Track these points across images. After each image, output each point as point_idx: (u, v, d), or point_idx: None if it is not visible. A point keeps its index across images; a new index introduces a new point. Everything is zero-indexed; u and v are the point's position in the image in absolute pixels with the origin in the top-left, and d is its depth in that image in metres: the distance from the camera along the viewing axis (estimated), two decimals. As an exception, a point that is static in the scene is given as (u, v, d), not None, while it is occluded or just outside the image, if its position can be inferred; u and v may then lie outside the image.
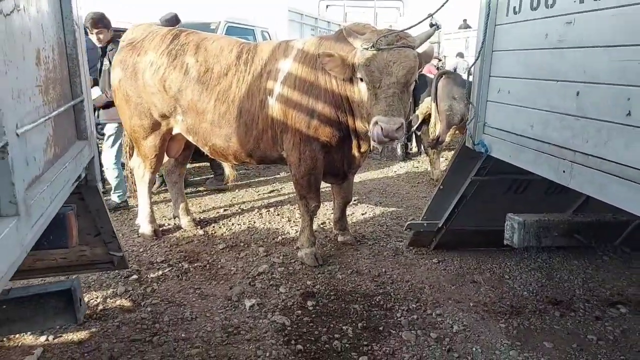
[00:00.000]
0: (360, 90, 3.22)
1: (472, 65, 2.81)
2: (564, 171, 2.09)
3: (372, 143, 3.14)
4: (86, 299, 3.34)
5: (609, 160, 1.88)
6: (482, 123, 2.86)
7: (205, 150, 4.02)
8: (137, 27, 4.07)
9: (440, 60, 13.96)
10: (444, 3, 2.85)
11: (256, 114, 3.66)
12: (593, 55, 1.94)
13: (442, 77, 6.22)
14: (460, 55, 15.28)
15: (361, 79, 3.13)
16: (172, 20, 5.28)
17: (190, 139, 4.02)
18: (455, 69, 12.78)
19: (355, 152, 3.74)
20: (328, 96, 3.50)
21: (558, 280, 3.87)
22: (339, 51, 3.35)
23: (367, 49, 3.04)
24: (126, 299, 3.38)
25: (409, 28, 3.11)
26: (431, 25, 3.37)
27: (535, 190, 3.70)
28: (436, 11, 2.95)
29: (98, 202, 2.38)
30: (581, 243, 2.56)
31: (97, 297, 3.38)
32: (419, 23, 3.09)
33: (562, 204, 3.94)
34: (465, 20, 19.07)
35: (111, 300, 3.36)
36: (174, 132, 4.06)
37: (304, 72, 3.55)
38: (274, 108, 3.62)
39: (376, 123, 2.96)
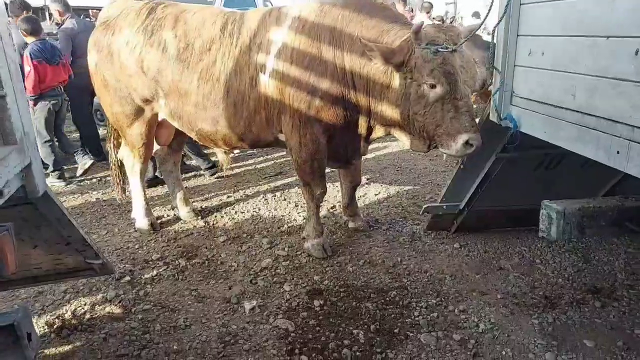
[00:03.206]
0: (415, 93, 2.76)
1: (498, 23, 2.32)
2: (618, 152, 1.64)
3: (448, 154, 2.81)
4: (73, 307, 3.07)
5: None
6: (509, 92, 2.39)
7: (193, 135, 3.64)
8: (113, 3, 3.65)
9: (443, 21, 13.10)
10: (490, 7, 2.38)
11: (246, 92, 3.24)
12: (659, 0, 1.47)
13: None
14: (477, 15, 14.35)
15: (432, 85, 2.65)
16: None
17: (175, 124, 3.65)
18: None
19: (363, 138, 3.33)
20: (336, 73, 3.05)
21: (596, 264, 3.45)
22: (353, 23, 2.98)
23: (436, 51, 2.57)
24: (116, 304, 3.09)
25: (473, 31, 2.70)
26: None
27: (570, 164, 3.24)
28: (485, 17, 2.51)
29: (56, 211, 2.04)
30: (633, 232, 2.12)
31: (84, 305, 3.10)
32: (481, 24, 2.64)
33: (600, 178, 3.48)
34: None
35: (100, 307, 3.07)
36: (160, 118, 3.68)
37: (302, 44, 3.09)
38: (268, 86, 3.20)
39: (467, 142, 2.62)
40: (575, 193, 2.69)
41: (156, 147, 4.05)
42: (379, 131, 3.28)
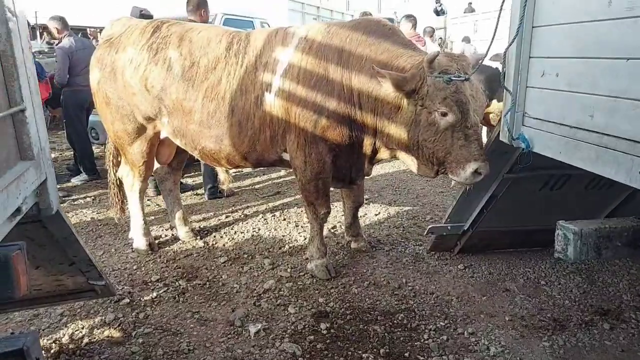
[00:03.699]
0: (426, 120, 2.78)
1: (509, 45, 2.34)
2: (640, 172, 1.65)
3: (456, 181, 2.86)
4: (70, 331, 2.96)
5: None
6: (520, 113, 2.41)
7: (195, 154, 3.60)
8: (117, 21, 3.63)
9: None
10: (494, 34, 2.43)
11: (251, 111, 3.23)
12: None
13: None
14: (467, 40, 14.69)
15: (443, 114, 2.68)
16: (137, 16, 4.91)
17: (177, 142, 3.60)
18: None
19: (367, 159, 3.34)
20: (343, 94, 3.05)
21: (601, 285, 3.44)
22: (362, 46, 3.00)
23: (450, 80, 2.61)
24: (115, 328, 2.98)
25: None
26: (436, 11, 2.97)
27: (574, 185, 3.26)
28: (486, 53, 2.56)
29: (65, 230, 1.97)
30: (648, 253, 2.12)
31: (82, 328, 2.99)
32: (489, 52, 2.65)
33: (602, 200, 3.50)
34: (470, 4, 18.46)
35: (98, 331, 2.96)
36: (162, 136, 3.64)
37: (310, 64, 3.10)
38: (274, 105, 3.19)
39: (476, 170, 2.68)
40: (578, 215, 2.69)
41: (156, 165, 3.99)
42: (384, 153, 3.28)
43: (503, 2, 2.41)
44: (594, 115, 1.87)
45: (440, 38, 16.55)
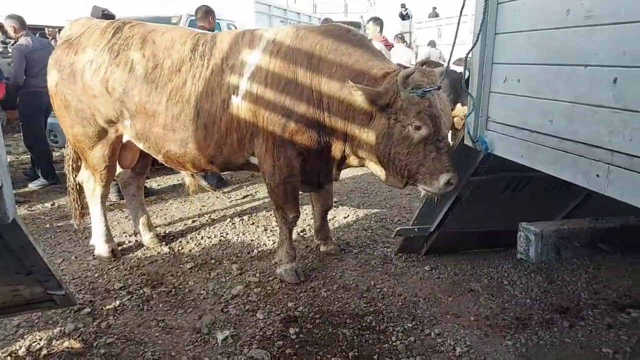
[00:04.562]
0: (399, 133, 2.81)
1: (469, 51, 2.41)
2: (597, 175, 1.71)
3: (428, 192, 2.93)
4: (27, 342, 2.83)
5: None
6: (484, 117, 2.47)
7: (159, 158, 3.52)
8: (76, 22, 3.51)
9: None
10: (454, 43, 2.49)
11: (217, 114, 3.18)
12: (635, 33, 1.56)
13: (422, 66, 5.82)
14: (432, 44, 15.03)
15: (417, 127, 2.73)
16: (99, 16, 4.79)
17: (140, 146, 3.51)
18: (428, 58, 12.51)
19: (336, 164, 3.35)
20: (312, 99, 3.04)
21: (560, 284, 3.55)
22: (332, 54, 3.01)
23: (423, 94, 2.68)
24: (75, 339, 2.87)
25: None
26: (401, 15, 3.03)
27: (535, 187, 3.36)
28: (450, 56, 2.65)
29: (22, 239, 1.88)
30: (605, 253, 2.21)
31: (40, 339, 2.86)
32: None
33: (561, 201, 3.62)
34: (434, 9, 18.92)
35: (58, 342, 2.84)
36: (124, 140, 3.54)
37: (278, 67, 3.08)
38: (241, 108, 3.15)
39: (449, 181, 2.78)
40: (538, 216, 2.79)
41: (119, 169, 3.87)
42: (353, 161, 3.30)
43: (462, 9, 2.49)
44: (553, 120, 1.94)
45: (406, 42, 16.88)
